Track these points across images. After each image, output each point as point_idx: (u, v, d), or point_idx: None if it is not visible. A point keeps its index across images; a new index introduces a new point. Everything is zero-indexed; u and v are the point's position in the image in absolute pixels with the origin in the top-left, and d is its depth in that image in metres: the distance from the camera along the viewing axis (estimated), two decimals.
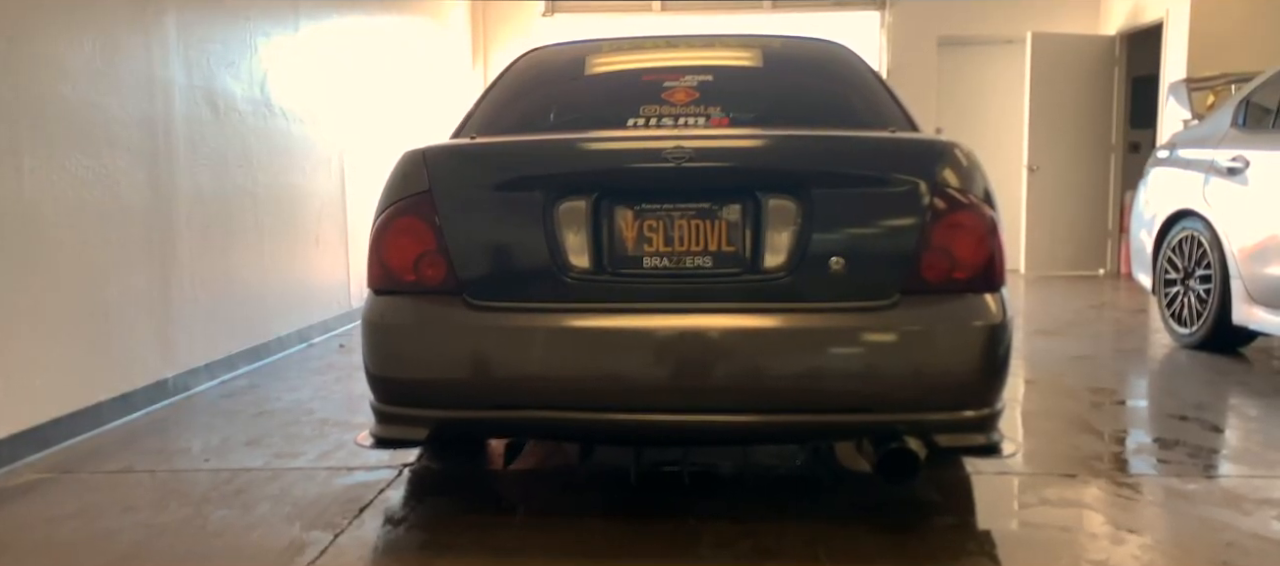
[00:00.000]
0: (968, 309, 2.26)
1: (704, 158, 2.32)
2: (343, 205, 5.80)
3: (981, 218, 2.29)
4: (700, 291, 2.30)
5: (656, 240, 2.31)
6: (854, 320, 2.26)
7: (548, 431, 2.60)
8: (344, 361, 4.75)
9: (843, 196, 2.31)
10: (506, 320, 2.30)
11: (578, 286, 2.30)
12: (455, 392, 2.34)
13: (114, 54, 3.57)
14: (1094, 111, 8.66)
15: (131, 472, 2.96)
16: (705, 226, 2.31)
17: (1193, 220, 4.78)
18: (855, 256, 2.26)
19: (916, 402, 2.25)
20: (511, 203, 2.37)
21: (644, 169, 2.35)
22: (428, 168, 2.41)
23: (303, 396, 3.97)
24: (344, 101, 5.81)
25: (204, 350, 4.19)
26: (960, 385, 2.26)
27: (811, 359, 2.26)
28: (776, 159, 2.41)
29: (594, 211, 2.31)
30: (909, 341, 2.25)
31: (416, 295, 2.38)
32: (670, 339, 2.26)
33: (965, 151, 2.38)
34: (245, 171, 4.57)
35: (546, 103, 3.01)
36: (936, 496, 2.66)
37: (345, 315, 5.82)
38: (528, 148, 2.56)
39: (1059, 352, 4.82)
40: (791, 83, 3.05)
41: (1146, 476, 2.81)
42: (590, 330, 2.29)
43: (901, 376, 2.24)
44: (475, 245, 2.35)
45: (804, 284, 2.26)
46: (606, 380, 2.26)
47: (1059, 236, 8.66)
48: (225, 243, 4.38)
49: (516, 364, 2.30)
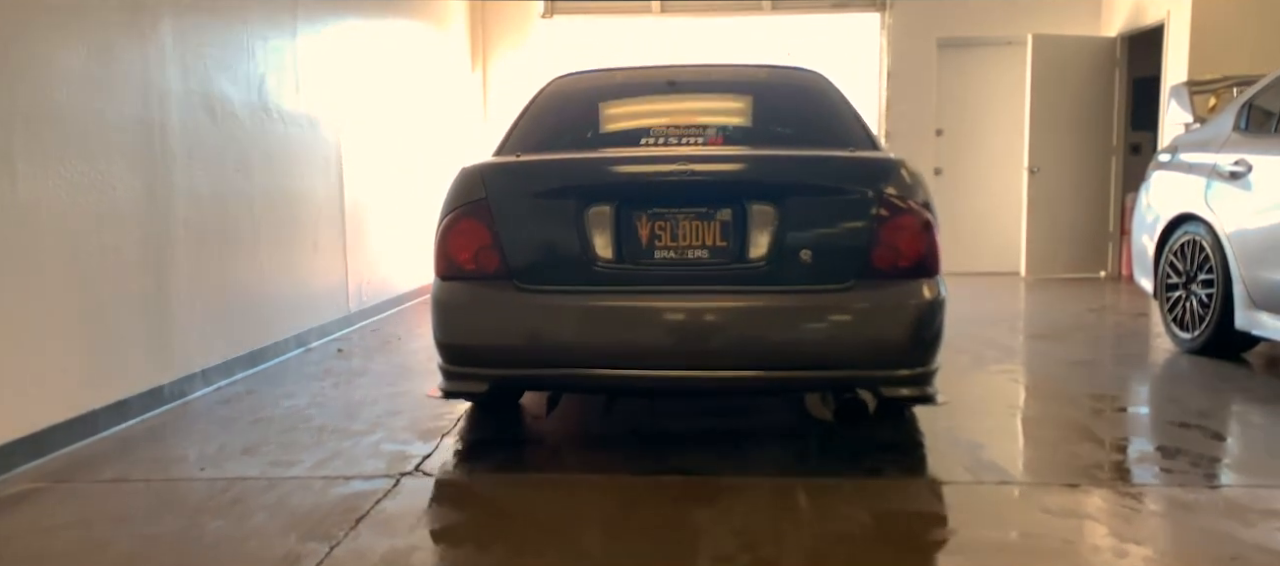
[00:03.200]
0: (908, 291, 2.87)
1: (702, 173, 2.96)
2: (341, 209, 5.78)
3: (920, 220, 2.89)
4: (699, 277, 2.92)
5: (665, 237, 2.93)
6: (818, 299, 2.87)
7: (580, 386, 3.30)
8: (341, 367, 4.73)
9: (810, 203, 2.95)
10: (548, 300, 2.93)
11: (604, 273, 2.92)
12: (508, 356, 2.97)
13: (109, 59, 3.54)
14: (1095, 113, 8.64)
15: (126, 482, 2.94)
16: (703, 226, 2.93)
17: (1195, 224, 4.76)
18: (820, 250, 2.89)
19: (868, 362, 2.88)
20: (551, 208, 2.99)
21: (655, 182, 2.98)
22: (484, 180, 3.06)
23: (300, 403, 3.95)
24: (342, 105, 5.79)
25: (200, 356, 4.17)
26: (901, 349, 2.87)
27: (785, 329, 2.87)
28: (758, 173, 3.05)
29: (616, 215, 2.93)
30: (862, 315, 2.87)
31: (476, 280, 2.99)
32: (676, 314, 2.88)
33: (909, 168, 2.99)
34: (242, 176, 4.55)
35: (574, 125, 3.66)
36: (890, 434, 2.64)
37: (343, 319, 5.80)
38: (563, 165, 3.20)
39: (1059, 357, 4.80)
40: (774, 108, 3.71)
41: (1149, 486, 2.79)
42: (614, 307, 2.91)
43: (856, 342, 2.88)
44: (522, 241, 2.97)
45: (780, 271, 2.88)
46: (626, 345, 2.88)
47: (1060, 239, 8.63)
48: (222, 248, 4.36)
49: (556, 333, 2.92)
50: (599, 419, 3.70)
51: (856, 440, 3.33)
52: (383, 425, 3.54)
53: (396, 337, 5.58)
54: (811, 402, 3.77)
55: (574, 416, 3.77)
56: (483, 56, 9.24)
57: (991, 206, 9.12)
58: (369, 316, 6.22)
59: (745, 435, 3.46)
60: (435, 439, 3.34)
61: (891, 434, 3.36)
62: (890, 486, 2.81)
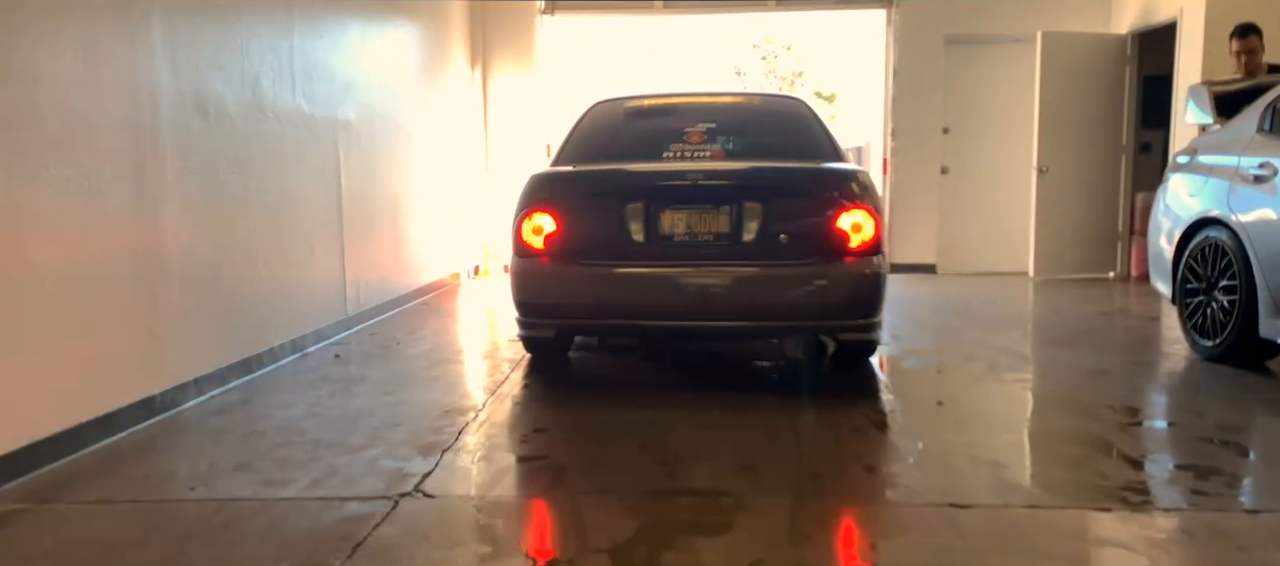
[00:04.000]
0: (859, 266, 3.93)
1: (708, 179, 4.13)
2: (339, 210, 5.65)
3: (869, 216, 3.93)
4: (706, 254, 4.01)
5: (682, 226, 4.01)
6: (793, 271, 3.94)
7: (619, 332, 4.70)
8: (339, 373, 4.60)
9: (788, 201, 4.02)
10: (597, 270, 4.02)
11: (637, 251, 4.01)
12: (568, 311, 4.12)
13: (95, 57, 3.41)
14: (1104, 112, 8.50)
15: (112, 503, 2.81)
16: (709, 217, 4.01)
17: (1216, 228, 4.63)
18: (794, 235, 3.95)
19: (829, 316, 4.03)
20: (598, 205, 4.10)
21: (675, 186, 4.11)
22: (549, 184, 4.24)
23: (295, 413, 3.82)
24: (340, 104, 5.65)
25: (193, 364, 4.03)
26: (853, 307, 3.98)
27: (769, 292, 3.96)
28: (748, 180, 4.13)
29: (646, 210, 4.01)
30: (825, 283, 3.95)
31: (544, 257, 4.07)
32: (689, 280, 3.99)
33: (862, 176, 4.11)
34: (237, 178, 4.41)
35: (612, 142, 4.70)
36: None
37: (341, 323, 5.67)
38: (608, 173, 4.30)
39: (1074, 365, 4.68)
40: (764, 128, 4.90)
41: (1185, 511, 2.65)
42: (644, 275, 4.01)
43: (820, 301, 3.95)
44: (578, 228, 4.06)
45: (765, 250, 3.95)
46: (654, 303, 4.00)
47: (1068, 239, 8.50)
48: (214, 252, 4.23)
49: (603, 294, 4.03)
50: (600, 436, 3.57)
51: (875, 454, 3.21)
52: (381, 439, 3.41)
53: (396, 342, 5.45)
54: (787, 345, 5.10)
55: (573, 438, 3.65)
56: (483, 55, 9.10)
57: (999, 206, 8.99)
58: (368, 319, 6.08)
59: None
60: (435, 454, 3.21)
61: (908, 445, 3.24)
62: (907, 512, 2.68)
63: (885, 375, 4.53)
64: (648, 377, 4.56)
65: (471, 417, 3.70)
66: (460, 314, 6.92)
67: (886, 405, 3.92)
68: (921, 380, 4.45)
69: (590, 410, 3.90)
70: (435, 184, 7.83)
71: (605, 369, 4.80)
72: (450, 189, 8.28)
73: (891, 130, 9.08)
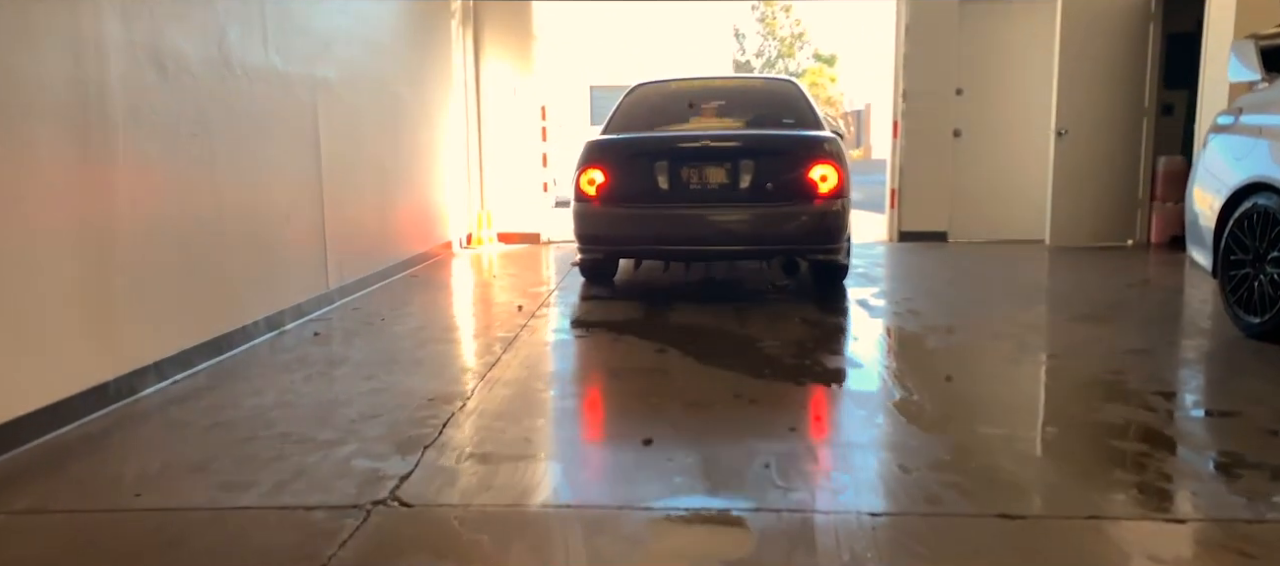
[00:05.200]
0: (825, 206, 5.17)
1: (714, 143, 5.48)
2: (318, 175, 5.27)
3: (835, 169, 5.19)
4: (714, 198, 5.31)
5: (696, 177, 5.31)
6: (777, 209, 5.19)
7: (650, 255, 5.95)
8: (318, 354, 4.25)
9: (773, 159, 5.31)
10: (635, 210, 5.35)
11: (664, 196, 5.30)
12: (615, 239, 5.50)
13: (29, 6, 3.01)
14: (1127, 72, 8.10)
15: (45, 513, 2.47)
16: (716, 171, 5.29)
17: (1265, 195, 4.27)
18: (779, 184, 5.20)
19: (805, 242, 5.27)
20: (635, 162, 5.44)
21: (692, 148, 5.44)
22: (601, 147, 5.60)
23: (265, 402, 3.47)
24: (320, 62, 5.25)
25: (153, 347, 3.68)
26: (822, 236, 5.24)
27: (759, 225, 5.22)
28: (745, 144, 5.50)
29: (670, 166, 5.32)
30: (803, 219, 5.20)
31: (596, 202, 5.40)
32: (702, 216, 5.29)
33: (833, 141, 5.42)
34: (201, 141, 4.03)
35: (647, 115, 6.08)
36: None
37: (322, 297, 5.31)
38: (643, 140, 5.67)
39: (1110, 345, 4.33)
40: (761, 103, 6.42)
41: (1271, 522, 2.32)
42: (669, 213, 5.30)
43: (799, 232, 5.21)
44: (620, 179, 5.38)
45: (756, 195, 5.20)
46: (676, 232, 5.30)
47: (1086, 206, 8.14)
48: (177, 223, 3.86)
49: (640, 227, 5.36)
50: (597, 430, 3.24)
51: (910, 453, 2.87)
52: (356, 433, 3.06)
53: (380, 318, 5.10)
54: (773, 269, 6.61)
55: (569, 433, 3.32)
56: (474, 11, 8.66)
57: (1014, 170, 8.61)
58: (351, 293, 5.72)
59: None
60: (416, 452, 2.86)
61: (938, 440, 2.90)
62: (952, 522, 2.35)
63: (893, 345, 4.20)
64: (648, 359, 4.22)
65: (458, 407, 3.35)
66: (452, 287, 6.56)
67: (910, 389, 3.58)
68: (944, 360, 4.12)
69: (587, 395, 3.57)
70: (425, 147, 7.43)
71: (603, 351, 4.46)
72: (441, 153, 7.88)
73: (902, 91, 8.67)
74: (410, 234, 7.12)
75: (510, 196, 9.06)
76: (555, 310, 5.39)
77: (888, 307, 5.36)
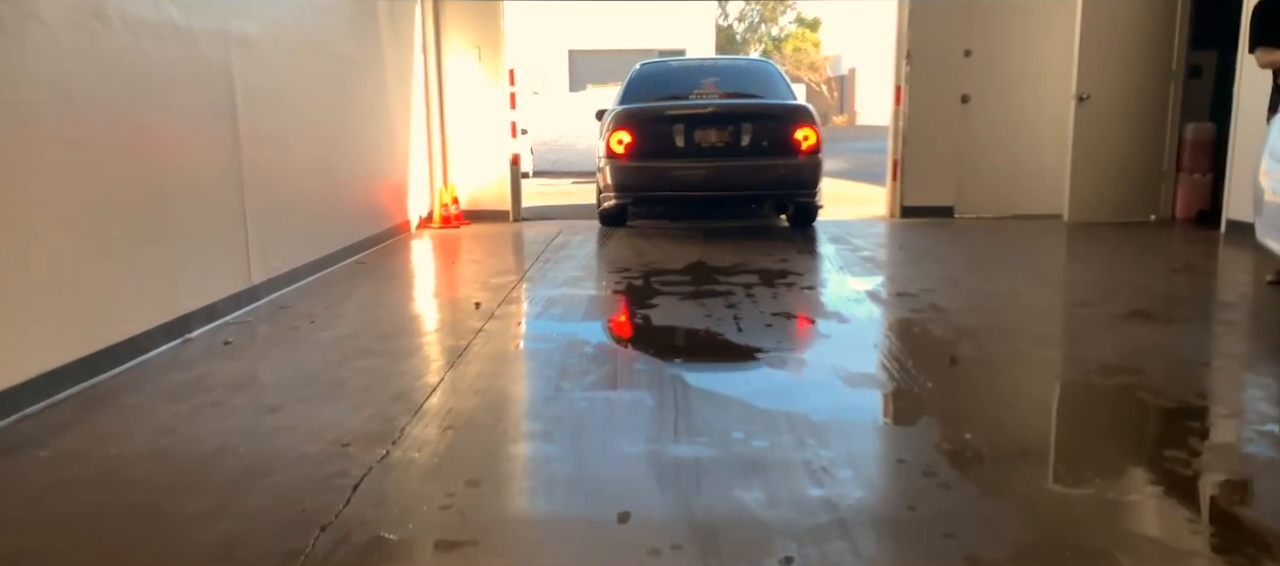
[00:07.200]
0: (805, 160, 7.01)
1: (719, 110, 7.27)
2: (235, 150, 4.45)
3: (812, 131, 7.04)
4: (718, 153, 6.98)
5: (703, 137, 6.99)
6: (769, 162, 7.01)
7: (666, 201, 7.95)
8: (220, 372, 3.46)
9: (769, 122, 7.14)
10: (655, 164, 7.04)
11: (678, 152, 7.00)
12: (638, 187, 7.21)
13: None
14: (1153, 31, 7.37)
15: None
16: (720, 133, 7.00)
17: None
18: (770, 141, 7.02)
19: (789, 188, 7.22)
20: (655, 126, 7.09)
21: (700, 114, 7.16)
22: (627, 113, 7.23)
23: (130, 449, 2.69)
24: (236, 17, 4.41)
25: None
26: (802, 184, 7.11)
27: (753, 174, 7.03)
28: (742, 111, 7.23)
29: (685, 128, 7.01)
30: (786, 171, 7.05)
31: (624, 158, 7.04)
32: (708, 167, 7.00)
33: (809, 109, 7.42)
34: (61, 114, 3.20)
35: (656, 87, 7.77)
36: None
37: (244, 293, 4.51)
38: (661, 107, 7.30)
39: (1183, 355, 3.60)
40: (749, 79, 8.17)
41: None
42: (682, 166, 7.02)
43: (784, 180, 7.12)
44: (644, 140, 7.02)
45: (752, 151, 6.98)
46: (687, 181, 7.05)
47: (1109, 177, 7.44)
48: (23, 215, 3.04)
49: (658, 177, 7.08)
50: (548, 493, 2.48)
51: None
52: (225, 511, 2.25)
53: (309, 320, 4.31)
54: (766, 210, 8.38)
55: (507, 495, 2.56)
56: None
57: (1029, 140, 7.88)
58: (280, 288, 4.92)
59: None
60: (308, 536, 2.09)
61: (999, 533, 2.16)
62: None
63: (908, 354, 3.46)
64: (632, 377, 3.46)
65: (379, 456, 2.58)
66: (403, 277, 5.77)
67: (961, 435, 2.84)
68: (984, 381, 3.38)
69: (546, 435, 2.81)
70: (376, 115, 6.61)
71: (572, 368, 3.68)
72: (396, 122, 7.05)
73: (906, 53, 7.90)
74: (359, 214, 6.31)
75: (476, 170, 8.26)
76: (520, 307, 4.62)
77: (903, 303, 4.61)
